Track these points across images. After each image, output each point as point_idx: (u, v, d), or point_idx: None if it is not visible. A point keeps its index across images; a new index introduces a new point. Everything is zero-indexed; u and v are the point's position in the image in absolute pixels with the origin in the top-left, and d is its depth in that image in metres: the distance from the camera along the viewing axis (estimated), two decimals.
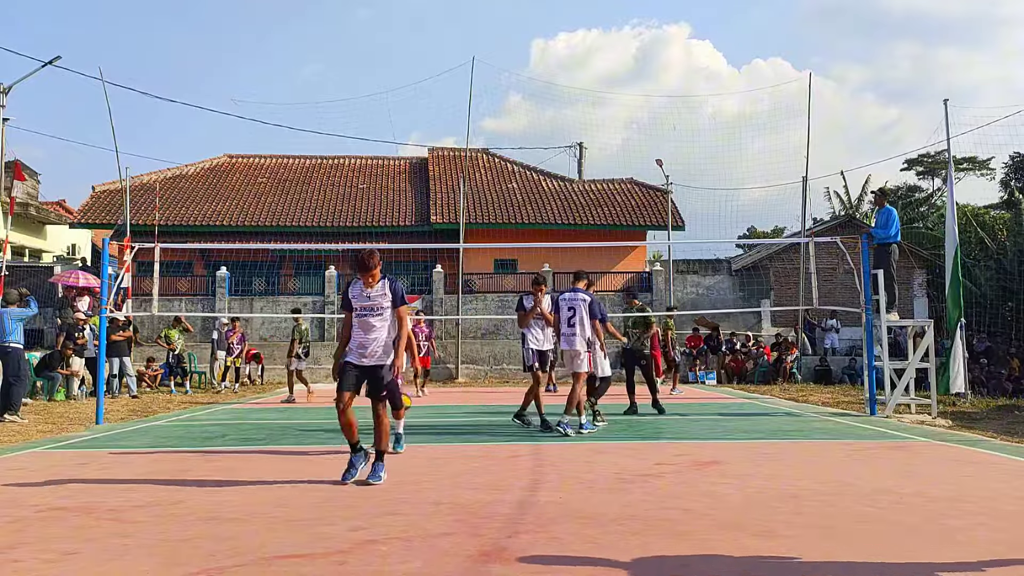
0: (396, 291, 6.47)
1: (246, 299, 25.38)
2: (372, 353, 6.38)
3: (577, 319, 9.44)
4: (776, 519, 4.87)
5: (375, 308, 6.39)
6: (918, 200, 37.91)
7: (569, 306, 9.55)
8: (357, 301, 6.43)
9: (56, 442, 9.26)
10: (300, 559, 4.07)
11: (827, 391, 17.96)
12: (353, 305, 6.44)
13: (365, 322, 6.39)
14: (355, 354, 6.39)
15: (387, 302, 6.42)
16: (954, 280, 14.56)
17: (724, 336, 23.97)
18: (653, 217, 28.01)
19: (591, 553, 4.13)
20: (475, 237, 25.47)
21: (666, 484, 6.13)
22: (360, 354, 6.38)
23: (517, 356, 24.79)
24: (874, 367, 12.09)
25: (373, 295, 6.40)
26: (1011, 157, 30.60)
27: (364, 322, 6.39)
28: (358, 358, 6.38)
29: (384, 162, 32.89)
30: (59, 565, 3.99)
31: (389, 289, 6.44)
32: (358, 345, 6.39)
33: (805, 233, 24.73)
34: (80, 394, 16.25)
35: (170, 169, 30.69)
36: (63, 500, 5.64)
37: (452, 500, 5.51)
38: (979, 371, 19.40)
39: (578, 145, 33.69)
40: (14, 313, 11.85)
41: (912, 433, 9.51)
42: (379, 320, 6.39)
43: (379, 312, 6.40)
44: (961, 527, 4.65)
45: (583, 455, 7.79)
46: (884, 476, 6.42)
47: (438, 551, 4.20)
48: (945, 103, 16.31)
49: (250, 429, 10.59)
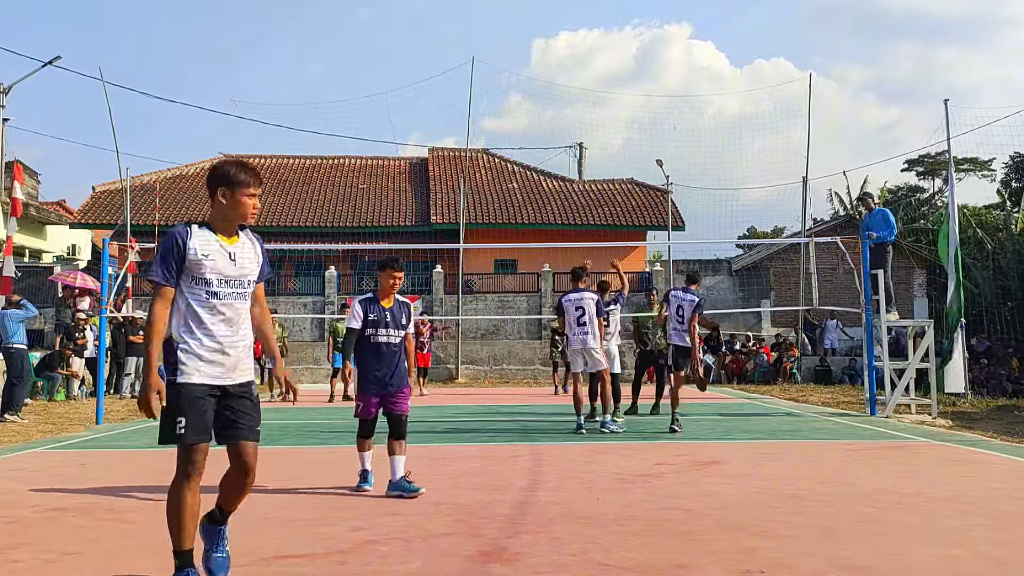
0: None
1: None
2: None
3: (587, 318, 9.50)
4: (776, 519, 4.87)
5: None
6: (919, 201, 37.90)
7: (577, 306, 9.56)
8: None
9: (56, 442, 9.26)
10: (300, 559, 4.07)
11: (827, 391, 17.97)
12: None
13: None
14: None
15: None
16: (957, 281, 14.56)
17: (724, 336, 23.97)
18: (653, 217, 28.01)
19: (591, 553, 4.13)
20: (475, 237, 25.47)
21: (666, 484, 6.14)
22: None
23: (517, 356, 24.83)
24: (874, 367, 12.09)
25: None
26: (1011, 157, 30.60)
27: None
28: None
29: (384, 162, 32.89)
30: (59, 565, 3.99)
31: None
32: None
33: (805, 233, 24.75)
34: (80, 394, 16.25)
35: (170, 169, 30.68)
36: (63, 500, 5.64)
37: (452, 500, 5.51)
38: (979, 371, 19.39)
39: (578, 145, 33.69)
40: (15, 315, 11.90)
41: (912, 433, 9.51)
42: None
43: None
44: (960, 527, 4.66)
45: (583, 455, 7.79)
46: (884, 476, 6.42)
47: (438, 551, 4.20)
48: (945, 103, 16.30)
49: None
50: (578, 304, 9.56)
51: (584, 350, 9.57)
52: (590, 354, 9.56)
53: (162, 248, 3.47)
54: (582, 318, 9.51)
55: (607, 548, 4.23)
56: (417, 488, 5.64)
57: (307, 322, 24.21)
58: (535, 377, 23.73)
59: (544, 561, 3.99)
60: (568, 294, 9.77)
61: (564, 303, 9.75)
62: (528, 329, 25.23)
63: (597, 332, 9.53)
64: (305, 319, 24.10)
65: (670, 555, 4.09)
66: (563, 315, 9.80)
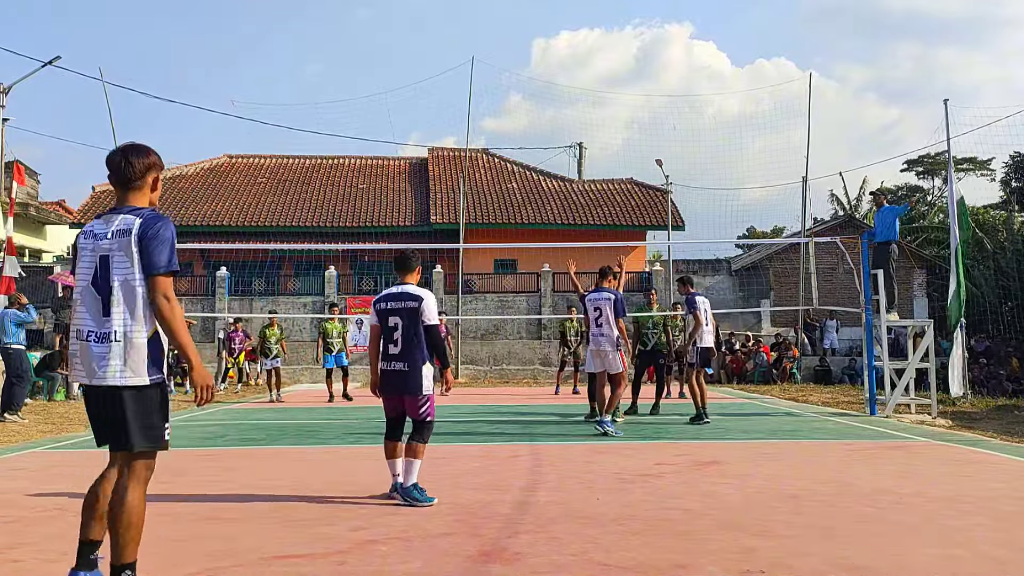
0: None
1: (246, 299, 25.37)
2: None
3: (604, 319, 9.40)
4: (776, 519, 4.87)
5: None
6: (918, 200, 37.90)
7: (595, 306, 9.51)
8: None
9: (56, 442, 9.26)
10: (300, 559, 4.07)
11: (827, 391, 17.97)
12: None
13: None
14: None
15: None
16: (959, 282, 14.57)
17: (724, 336, 23.98)
18: (653, 217, 28.01)
19: (591, 553, 4.13)
20: (475, 237, 25.47)
21: (666, 484, 6.13)
22: None
23: (517, 356, 24.83)
24: (874, 367, 12.09)
25: None
26: (1011, 157, 30.56)
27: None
28: None
29: (384, 162, 32.89)
30: (59, 565, 3.99)
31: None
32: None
33: (805, 233, 24.74)
34: (80, 394, 16.24)
35: (170, 169, 30.65)
36: (63, 500, 5.63)
37: (452, 500, 5.50)
38: (979, 371, 19.39)
39: (578, 145, 33.70)
40: (14, 316, 11.90)
41: (912, 433, 9.51)
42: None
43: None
44: (960, 527, 4.66)
45: (583, 455, 7.79)
46: (884, 476, 6.42)
47: (438, 551, 4.20)
48: (945, 103, 16.32)
49: (250, 429, 10.59)
50: (596, 304, 9.49)
51: (599, 351, 9.51)
52: (605, 356, 9.47)
53: (173, 236, 3.36)
54: (599, 319, 9.43)
55: (607, 548, 4.23)
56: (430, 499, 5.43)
57: (307, 322, 24.21)
58: (535, 377, 23.73)
59: (544, 561, 3.98)
60: (591, 292, 9.76)
61: (585, 302, 9.77)
62: (528, 329, 25.24)
63: (612, 333, 9.39)
64: (305, 319, 24.10)
65: (670, 555, 4.09)
66: (585, 314, 9.78)
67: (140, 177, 3.44)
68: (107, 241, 3.34)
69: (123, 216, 3.37)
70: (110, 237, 3.34)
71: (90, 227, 3.44)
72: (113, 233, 3.34)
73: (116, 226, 3.35)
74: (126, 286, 3.30)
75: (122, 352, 3.27)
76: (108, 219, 3.40)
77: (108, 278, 3.31)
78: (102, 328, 3.29)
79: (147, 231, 3.30)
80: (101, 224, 3.41)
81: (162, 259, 3.30)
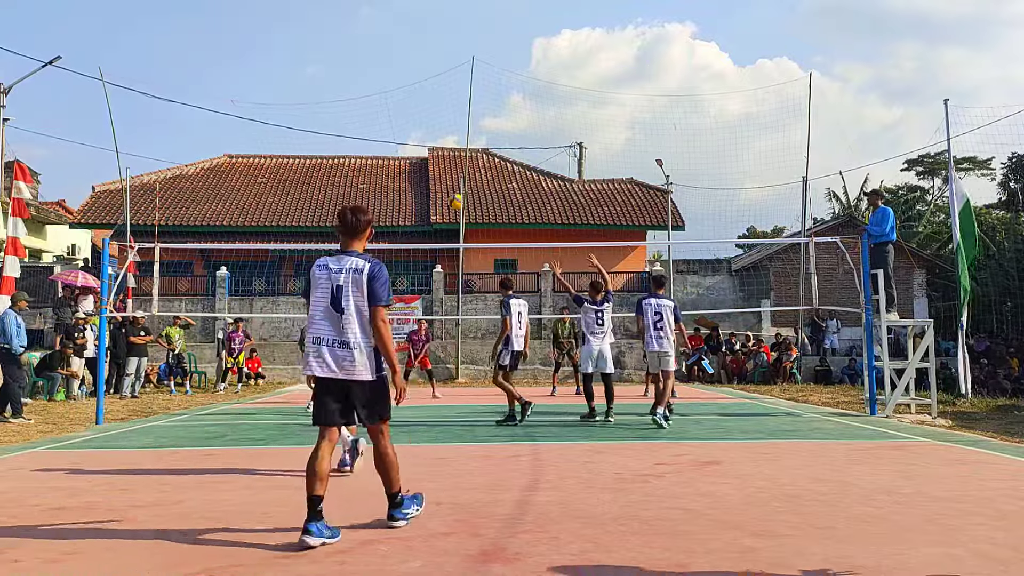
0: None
1: (246, 299, 25.36)
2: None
3: (664, 322, 10.55)
4: (776, 519, 4.87)
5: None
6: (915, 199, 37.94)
7: (656, 311, 10.60)
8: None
9: (56, 442, 9.26)
10: (300, 559, 4.07)
11: (827, 391, 17.96)
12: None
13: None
14: None
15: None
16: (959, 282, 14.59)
17: (724, 336, 23.97)
18: (653, 217, 28.01)
19: (591, 553, 4.13)
20: (475, 237, 25.46)
21: (666, 484, 6.13)
22: None
23: None
24: (874, 367, 12.08)
25: None
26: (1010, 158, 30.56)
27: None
28: None
29: (384, 162, 32.88)
30: (59, 565, 3.99)
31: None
32: None
33: (805, 233, 24.73)
34: (80, 394, 16.25)
35: (170, 169, 30.68)
36: (63, 500, 5.64)
37: (452, 500, 5.51)
38: (979, 371, 19.39)
39: (578, 145, 33.71)
40: (13, 317, 11.89)
41: (912, 433, 9.51)
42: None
43: None
44: (960, 527, 4.66)
45: (583, 455, 7.79)
46: (884, 476, 6.42)
47: (438, 551, 4.20)
48: (945, 103, 16.32)
49: (250, 429, 10.59)
50: (657, 309, 10.60)
51: (660, 352, 10.56)
52: (664, 356, 10.56)
53: (388, 277, 4.56)
54: (659, 322, 10.54)
55: (607, 548, 4.23)
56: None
57: None
58: (535, 377, 23.71)
59: (544, 561, 3.99)
60: (648, 298, 10.77)
61: (644, 305, 10.68)
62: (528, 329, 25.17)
63: (672, 337, 10.60)
64: (304, 319, 24.04)
65: (670, 555, 4.09)
66: (641, 315, 10.68)
67: (363, 229, 4.69)
68: (342, 275, 4.51)
69: (353, 259, 4.56)
70: (344, 272, 4.51)
71: (324, 262, 4.60)
72: (346, 270, 4.52)
73: (348, 265, 4.53)
74: (358, 310, 4.49)
75: (360, 357, 4.47)
76: (339, 259, 4.58)
77: (341, 301, 4.48)
78: (341, 337, 4.48)
79: (375, 274, 4.51)
80: (335, 261, 4.58)
81: (383, 295, 4.53)
